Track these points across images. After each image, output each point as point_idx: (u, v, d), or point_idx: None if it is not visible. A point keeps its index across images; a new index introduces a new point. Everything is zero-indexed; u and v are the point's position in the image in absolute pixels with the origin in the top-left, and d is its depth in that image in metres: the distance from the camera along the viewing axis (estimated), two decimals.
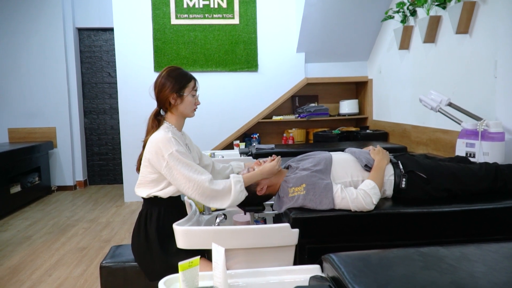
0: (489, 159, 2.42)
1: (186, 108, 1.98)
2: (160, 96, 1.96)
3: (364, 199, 1.78)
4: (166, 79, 1.94)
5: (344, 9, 4.57)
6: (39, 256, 3.45)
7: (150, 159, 1.88)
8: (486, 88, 2.86)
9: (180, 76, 1.97)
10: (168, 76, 1.95)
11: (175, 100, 1.95)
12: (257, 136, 5.19)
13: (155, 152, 1.85)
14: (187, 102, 1.97)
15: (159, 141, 1.85)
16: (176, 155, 1.82)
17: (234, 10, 5.08)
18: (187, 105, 1.98)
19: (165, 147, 1.83)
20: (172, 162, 1.82)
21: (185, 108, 1.98)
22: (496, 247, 1.29)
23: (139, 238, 1.96)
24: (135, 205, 5.09)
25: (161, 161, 1.83)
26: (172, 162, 1.82)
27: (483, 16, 2.88)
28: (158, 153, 1.84)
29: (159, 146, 1.84)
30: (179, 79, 1.96)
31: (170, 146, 1.83)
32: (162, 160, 1.83)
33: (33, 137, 5.91)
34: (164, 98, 1.94)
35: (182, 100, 1.96)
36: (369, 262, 1.21)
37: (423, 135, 3.80)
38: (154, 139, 1.88)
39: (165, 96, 1.94)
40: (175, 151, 1.83)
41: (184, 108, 1.98)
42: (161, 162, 1.84)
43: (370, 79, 5.19)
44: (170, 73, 1.97)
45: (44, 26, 5.78)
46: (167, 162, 1.82)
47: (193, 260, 1.27)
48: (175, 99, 1.95)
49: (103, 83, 6.27)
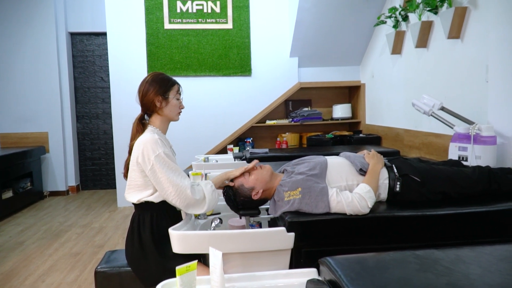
0: (481, 163, 2.44)
1: (171, 110, 2.02)
2: (145, 100, 1.99)
3: (359, 202, 1.79)
4: (150, 84, 1.99)
5: (337, 14, 4.61)
6: (32, 262, 3.42)
7: (138, 161, 1.88)
8: (478, 93, 2.90)
9: (164, 80, 2.02)
10: (152, 81, 1.99)
11: (160, 102, 1.98)
12: (251, 140, 5.20)
13: (142, 153, 1.87)
14: (172, 105, 2.02)
15: (147, 142, 1.87)
16: (162, 157, 1.85)
17: (228, 15, 5.10)
18: (172, 108, 2.02)
19: (152, 148, 1.85)
20: (158, 164, 1.84)
21: (170, 111, 2.02)
22: (490, 249, 1.30)
23: (133, 244, 1.96)
24: (129, 210, 5.06)
25: (147, 162, 1.85)
26: (157, 164, 1.84)
27: (474, 21, 2.92)
28: (145, 154, 1.86)
29: (147, 147, 1.86)
30: (164, 82, 2.01)
31: (156, 148, 1.86)
32: (147, 162, 1.85)
33: (25, 142, 5.87)
34: (150, 101, 1.98)
35: (167, 102, 2.00)
36: (365, 265, 1.22)
37: (416, 139, 3.83)
38: (141, 141, 1.90)
39: (150, 99, 1.97)
40: (162, 152, 1.86)
41: (169, 111, 2.02)
42: (146, 163, 1.85)
43: (363, 84, 5.22)
44: (154, 77, 2.01)
45: (36, 30, 5.76)
46: (153, 164, 1.84)
47: (191, 265, 1.27)
48: (160, 101, 1.98)
49: (95, 87, 6.25)
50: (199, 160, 3.67)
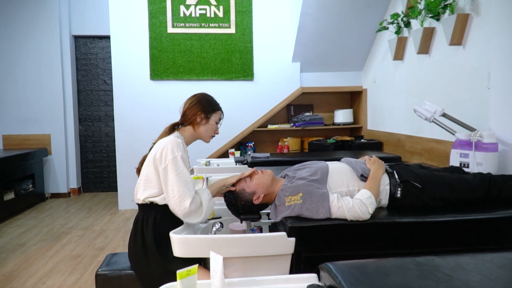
0: (482, 170, 2.45)
1: (207, 130, 2.13)
2: (188, 111, 2.09)
3: (360, 208, 1.79)
4: (199, 100, 2.11)
5: (340, 19, 4.62)
6: (32, 264, 3.43)
7: (155, 157, 1.92)
8: (480, 99, 2.90)
9: (212, 103, 2.15)
10: (202, 98, 2.12)
11: (201, 119, 2.09)
12: (252, 144, 5.21)
13: (161, 151, 1.91)
14: (210, 126, 2.13)
15: (169, 143, 1.93)
16: (178, 161, 1.90)
17: (231, 20, 5.12)
18: (208, 128, 2.13)
19: (172, 149, 1.91)
20: (172, 166, 1.88)
21: (206, 130, 2.13)
22: (491, 256, 1.30)
23: (136, 244, 1.96)
24: (130, 212, 5.07)
25: (163, 161, 1.90)
26: (171, 166, 1.88)
27: (476, 28, 2.92)
28: (163, 152, 1.90)
29: (168, 147, 1.91)
30: (211, 104, 2.14)
31: (177, 150, 1.91)
32: (164, 161, 1.89)
33: (27, 143, 5.89)
34: (192, 114, 2.08)
35: (207, 122, 2.11)
36: (366, 270, 1.22)
37: (417, 145, 3.83)
38: (164, 140, 1.96)
39: (193, 113, 2.08)
40: (180, 156, 1.91)
41: (205, 130, 2.12)
42: (162, 162, 1.90)
43: (365, 89, 5.23)
44: (205, 96, 2.15)
45: (40, 33, 5.79)
46: (167, 165, 1.88)
47: (191, 269, 1.27)
48: (201, 118, 2.09)
49: (98, 90, 6.27)
50: (200, 164, 3.68)
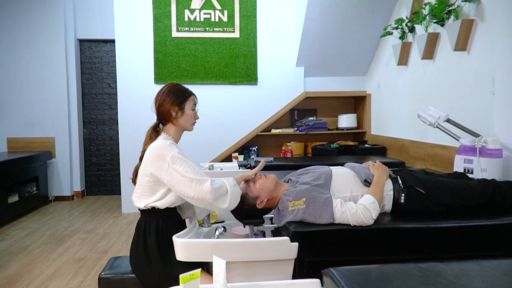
0: (487, 176, 2.44)
1: (186, 121, 2.06)
2: (161, 109, 2.02)
3: (364, 213, 1.79)
4: (167, 94, 2.03)
5: (344, 24, 4.63)
6: (36, 267, 3.43)
7: (150, 167, 1.89)
8: (484, 105, 2.89)
9: (181, 91, 2.07)
10: (169, 92, 2.04)
11: (176, 112, 2.02)
12: (256, 149, 5.21)
13: (156, 158, 1.88)
14: (188, 115, 2.05)
15: (160, 147, 1.89)
16: (178, 156, 1.87)
17: (235, 24, 5.14)
18: (187, 118, 2.05)
19: (166, 151, 1.88)
20: (175, 164, 1.85)
21: (185, 121, 2.05)
22: (495, 263, 1.30)
23: (138, 250, 1.96)
24: (133, 216, 5.07)
25: (163, 165, 1.86)
26: (174, 164, 1.85)
27: (481, 34, 2.92)
28: (159, 158, 1.87)
29: (160, 152, 1.88)
30: (181, 93, 2.05)
31: (171, 150, 1.89)
32: (163, 164, 1.86)
33: (31, 146, 5.91)
34: (166, 111, 2.01)
35: (183, 113, 2.03)
36: (369, 276, 1.22)
37: (421, 150, 3.83)
38: (154, 146, 1.92)
39: (166, 109, 2.01)
40: (177, 153, 1.88)
41: (185, 121, 2.05)
42: (162, 166, 1.86)
43: (369, 94, 5.23)
44: (171, 88, 2.06)
45: (45, 36, 5.82)
46: (169, 165, 1.85)
47: (194, 273, 1.27)
48: (176, 111, 2.02)
49: (103, 94, 6.30)
50: (204, 168, 3.68)
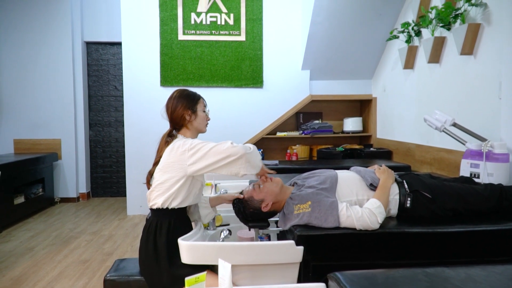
0: (493, 180, 2.42)
1: (200, 122, 2.13)
2: (174, 115, 2.07)
3: (370, 218, 1.78)
4: (178, 100, 2.09)
5: (350, 28, 4.63)
6: (41, 268, 3.45)
7: (172, 162, 1.93)
8: (491, 109, 2.88)
9: (191, 95, 2.13)
10: (179, 97, 2.10)
11: (190, 116, 2.08)
12: (261, 152, 5.20)
13: (175, 154, 1.93)
14: (201, 117, 2.12)
15: (179, 145, 1.95)
16: (197, 141, 1.96)
17: (241, 27, 5.15)
18: (200, 120, 2.13)
19: (184, 144, 1.95)
20: (196, 146, 1.92)
21: (199, 123, 2.12)
22: (501, 268, 1.29)
23: (147, 249, 1.96)
24: (138, 218, 5.09)
25: (185, 154, 1.92)
26: (195, 147, 1.92)
27: (487, 38, 2.91)
28: (179, 151, 1.93)
29: (179, 148, 1.94)
30: (191, 97, 2.12)
31: (190, 141, 1.97)
32: (186, 153, 1.92)
33: (38, 148, 5.95)
34: (180, 115, 2.07)
35: (196, 115, 2.10)
36: (375, 281, 1.21)
37: (427, 154, 3.81)
38: (172, 146, 1.97)
39: (180, 114, 2.06)
40: (195, 140, 1.98)
41: (198, 123, 2.12)
42: (184, 156, 1.92)
43: (375, 98, 5.22)
44: (181, 93, 2.12)
45: (52, 38, 5.86)
46: (190, 152, 1.91)
47: (200, 276, 1.28)
48: (189, 115, 2.08)
49: (109, 96, 6.33)
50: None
